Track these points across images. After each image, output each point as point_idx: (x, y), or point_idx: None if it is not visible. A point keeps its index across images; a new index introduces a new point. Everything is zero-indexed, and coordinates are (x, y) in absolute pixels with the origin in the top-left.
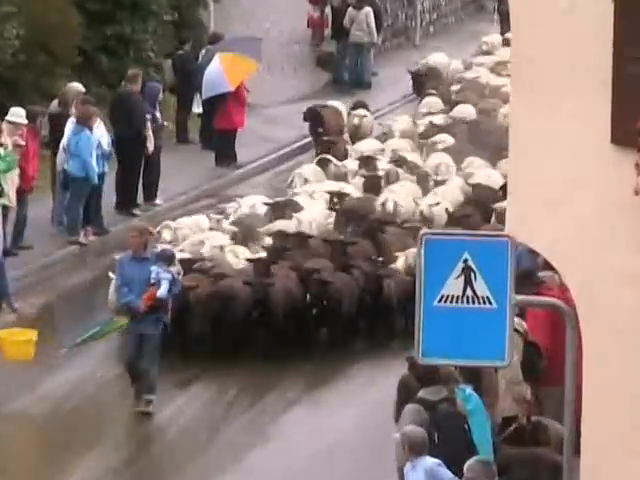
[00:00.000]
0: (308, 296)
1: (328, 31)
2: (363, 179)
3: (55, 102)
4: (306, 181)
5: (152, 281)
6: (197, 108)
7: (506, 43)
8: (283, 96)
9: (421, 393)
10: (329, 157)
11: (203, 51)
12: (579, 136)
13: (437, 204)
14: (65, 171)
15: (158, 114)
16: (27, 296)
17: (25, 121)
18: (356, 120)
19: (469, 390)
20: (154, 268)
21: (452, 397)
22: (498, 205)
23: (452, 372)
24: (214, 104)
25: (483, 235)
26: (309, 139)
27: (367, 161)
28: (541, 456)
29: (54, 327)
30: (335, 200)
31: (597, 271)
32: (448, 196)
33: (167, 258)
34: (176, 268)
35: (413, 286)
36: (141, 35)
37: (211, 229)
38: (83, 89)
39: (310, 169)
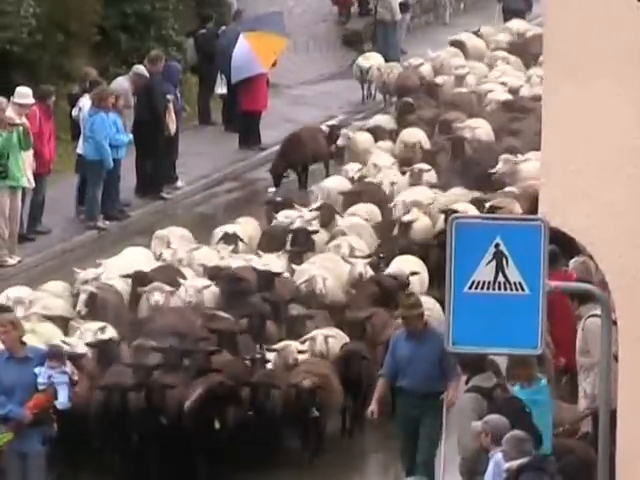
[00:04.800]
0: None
1: (355, 8)
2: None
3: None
4: (168, 245)
5: (41, 387)
6: (219, 89)
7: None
8: (308, 76)
9: (474, 381)
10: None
11: (221, 29)
12: (613, 120)
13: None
14: (80, 155)
15: (179, 95)
16: (44, 282)
17: (32, 101)
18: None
19: (544, 381)
20: (41, 370)
21: (502, 383)
22: None
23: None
24: (237, 85)
25: (515, 219)
26: (335, 120)
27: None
28: (574, 449)
29: None
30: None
31: (633, 256)
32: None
33: (59, 356)
34: (69, 368)
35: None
36: (162, 13)
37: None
38: (146, 73)
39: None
